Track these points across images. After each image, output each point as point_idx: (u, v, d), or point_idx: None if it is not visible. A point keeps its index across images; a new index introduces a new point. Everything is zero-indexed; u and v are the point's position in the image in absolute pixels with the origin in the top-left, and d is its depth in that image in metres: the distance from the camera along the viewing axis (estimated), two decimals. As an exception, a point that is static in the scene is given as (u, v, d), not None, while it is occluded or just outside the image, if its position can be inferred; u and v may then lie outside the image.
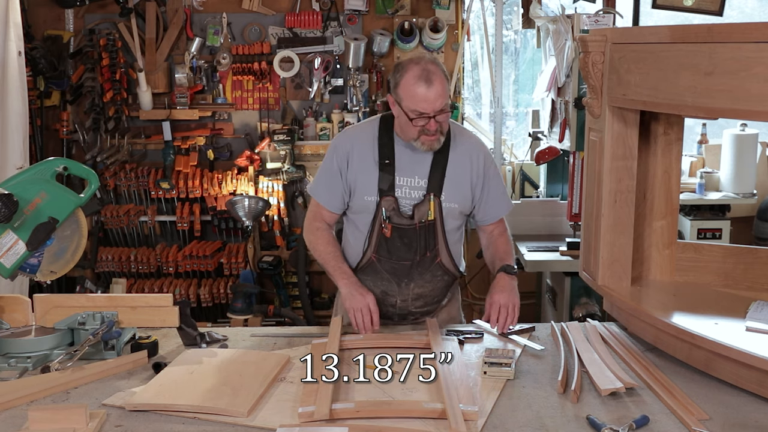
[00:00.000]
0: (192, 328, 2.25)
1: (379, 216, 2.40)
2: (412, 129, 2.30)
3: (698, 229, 4.49)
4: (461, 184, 2.44)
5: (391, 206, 2.39)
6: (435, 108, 2.26)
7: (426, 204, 2.40)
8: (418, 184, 2.41)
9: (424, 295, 2.50)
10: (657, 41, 2.03)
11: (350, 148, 2.43)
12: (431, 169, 2.41)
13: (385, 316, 2.52)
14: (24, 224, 2.09)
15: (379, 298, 2.48)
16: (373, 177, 2.40)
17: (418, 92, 2.25)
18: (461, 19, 4.87)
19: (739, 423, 1.74)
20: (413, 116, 2.27)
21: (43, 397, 1.90)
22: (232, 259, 4.75)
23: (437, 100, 2.26)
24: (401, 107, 2.30)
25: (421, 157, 2.41)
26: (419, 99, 2.25)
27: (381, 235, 2.41)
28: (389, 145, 2.41)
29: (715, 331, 2.00)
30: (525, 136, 5.21)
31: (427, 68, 2.26)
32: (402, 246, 2.42)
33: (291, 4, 4.84)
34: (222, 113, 4.93)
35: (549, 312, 4.48)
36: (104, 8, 4.79)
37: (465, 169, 2.44)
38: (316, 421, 1.71)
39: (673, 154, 2.44)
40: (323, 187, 2.49)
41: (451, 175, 2.42)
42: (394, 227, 2.40)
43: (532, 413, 1.79)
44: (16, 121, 3.62)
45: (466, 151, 2.45)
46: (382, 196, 2.39)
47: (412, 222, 2.40)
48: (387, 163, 2.40)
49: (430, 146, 2.33)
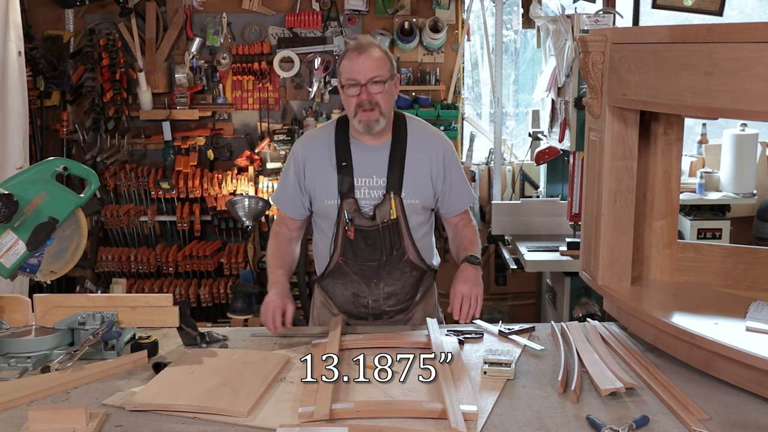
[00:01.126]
0: (192, 328, 2.25)
1: (341, 219, 2.40)
2: (350, 104, 2.34)
3: (698, 229, 4.49)
4: (421, 179, 2.43)
5: (352, 208, 2.39)
6: (366, 76, 2.30)
7: (387, 203, 2.39)
8: (377, 184, 2.40)
9: (395, 294, 2.49)
10: (657, 41, 2.03)
11: (306, 155, 2.45)
12: (389, 167, 2.40)
13: (359, 317, 2.53)
14: (24, 224, 2.09)
15: (350, 300, 2.50)
16: (332, 180, 2.40)
17: (349, 61, 2.33)
18: (461, 19, 4.88)
19: (739, 423, 1.74)
20: (346, 84, 2.32)
21: (43, 397, 1.89)
22: (232, 259, 4.75)
23: (368, 69, 2.30)
24: (341, 85, 2.36)
25: (378, 157, 2.41)
26: (350, 67, 2.32)
27: (345, 238, 2.41)
28: (345, 147, 2.42)
29: (715, 331, 2.00)
30: (525, 136, 5.21)
31: (361, 42, 2.36)
32: (366, 247, 2.41)
33: (291, 4, 4.85)
34: (222, 113, 4.93)
35: (549, 312, 4.48)
36: (104, 8, 4.80)
37: (423, 163, 2.43)
38: (316, 421, 1.71)
39: (673, 154, 2.44)
40: (282, 196, 2.53)
41: (410, 172, 2.41)
42: (356, 229, 2.39)
43: (532, 413, 1.79)
44: (16, 121, 3.62)
45: (424, 146, 2.45)
46: (342, 199, 2.39)
47: (374, 223, 2.40)
48: (344, 165, 2.40)
49: (367, 124, 2.33)
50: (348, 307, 2.53)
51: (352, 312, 2.54)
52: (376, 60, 2.31)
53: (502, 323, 2.39)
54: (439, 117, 4.74)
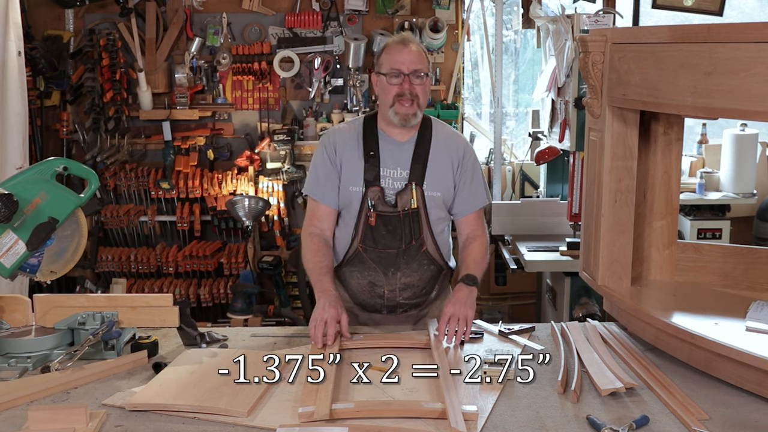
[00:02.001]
0: (192, 328, 2.25)
1: (364, 206, 2.45)
2: (389, 92, 2.39)
3: (698, 229, 4.49)
4: (443, 173, 2.49)
5: (376, 195, 2.44)
6: (410, 67, 2.37)
7: (408, 192, 2.44)
8: (401, 176, 2.46)
9: (411, 285, 2.51)
10: (657, 41, 2.03)
11: (335, 141, 2.50)
12: (413, 160, 2.47)
13: (374, 308, 2.55)
14: (24, 224, 2.09)
15: (366, 289, 2.51)
16: (359, 168, 2.46)
17: (394, 51, 2.40)
18: (461, 19, 4.88)
19: (739, 423, 1.74)
20: (388, 72, 2.38)
21: (43, 397, 1.89)
22: (232, 259, 4.75)
23: (412, 61, 2.38)
24: (381, 74, 2.42)
25: (403, 151, 2.47)
26: (395, 57, 2.39)
27: (366, 225, 2.45)
28: (374, 139, 2.49)
29: (715, 331, 2.00)
30: (525, 136, 5.21)
31: (405, 36, 2.46)
32: (387, 234, 2.45)
33: (291, 4, 4.84)
34: (222, 113, 4.93)
35: (549, 312, 4.48)
36: (104, 8, 4.80)
37: (446, 160, 2.50)
38: (316, 421, 1.71)
39: (673, 154, 2.44)
40: (317, 183, 2.52)
41: (433, 166, 2.48)
42: (378, 215, 2.44)
43: (532, 413, 1.79)
44: (16, 121, 3.62)
45: (447, 142, 2.52)
46: (367, 187, 2.44)
47: (396, 210, 2.44)
48: (372, 155, 2.46)
49: (405, 117, 2.40)
50: (363, 297, 2.54)
51: (366, 302, 2.55)
52: (419, 54, 2.41)
53: (502, 323, 2.39)
54: (439, 117, 4.71)
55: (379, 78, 2.44)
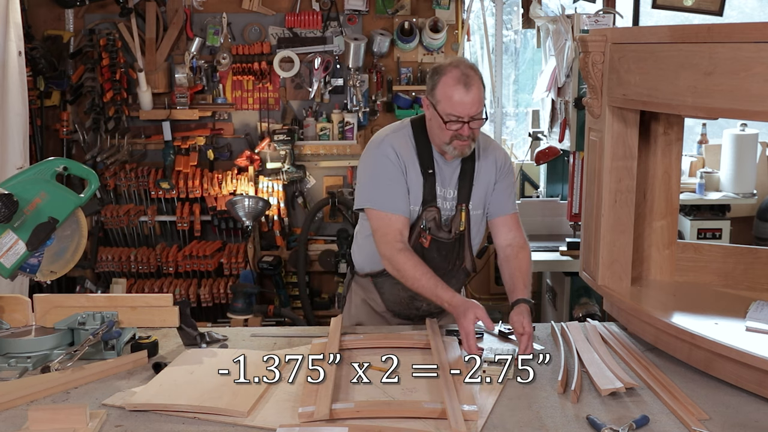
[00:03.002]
0: (192, 328, 2.25)
1: (417, 226, 2.37)
2: (446, 133, 2.26)
3: (698, 229, 4.49)
4: (486, 189, 2.44)
5: (432, 217, 2.37)
6: (470, 113, 2.23)
7: (458, 215, 2.40)
8: (451, 196, 2.40)
9: None
10: (657, 41, 2.03)
11: (398, 150, 2.36)
12: (459, 178, 2.40)
13: (406, 317, 2.55)
14: (24, 224, 2.09)
15: (405, 302, 2.50)
16: (419, 185, 2.36)
17: (455, 96, 2.21)
18: (461, 19, 4.88)
19: (739, 423, 1.74)
20: (448, 120, 2.23)
21: (43, 397, 1.89)
22: (232, 259, 4.75)
23: (473, 106, 2.22)
24: (436, 110, 2.26)
25: (451, 170, 2.39)
26: (456, 103, 2.21)
27: (418, 245, 2.38)
28: (428, 154, 2.37)
29: (715, 331, 2.00)
30: (525, 136, 5.21)
31: (467, 73, 2.23)
32: (438, 257, 2.42)
33: (291, 4, 4.84)
34: (222, 113, 4.93)
35: (549, 312, 4.48)
36: (104, 8, 4.79)
37: (490, 172, 2.43)
38: (316, 421, 1.71)
39: (673, 154, 2.44)
40: (386, 194, 2.34)
41: (478, 185, 2.42)
42: (433, 239, 2.38)
43: (532, 413, 1.79)
44: (16, 121, 3.62)
45: (492, 158, 2.45)
46: (425, 207, 2.36)
47: (450, 236, 2.41)
48: (430, 172, 2.36)
49: (461, 151, 2.30)
50: (399, 308, 2.54)
51: (401, 312, 2.54)
52: (480, 96, 2.24)
53: (502, 323, 2.39)
54: (439, 117, 4.73)
55: (434, 112, 2.27)
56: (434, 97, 2.26)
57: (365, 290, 2.59)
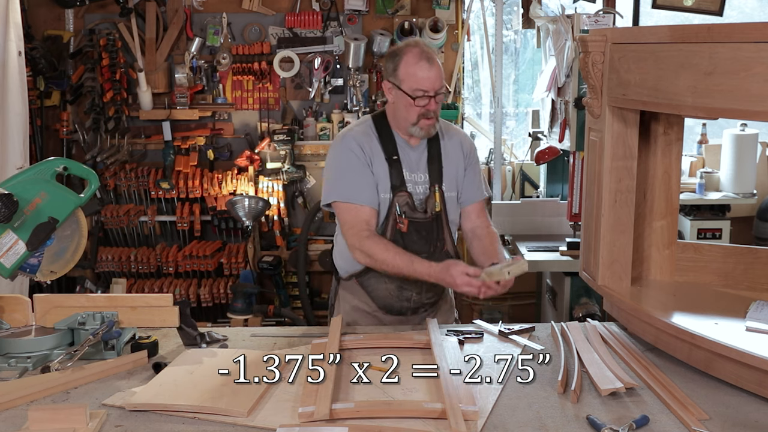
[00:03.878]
0: (192, 328, 2.25)
1: (392, 213, 2.43)
2: (413, 112, 2.36)
3: (698, 229, 4.49)
4: (455, 171, 2.52)
5: (404, 201, 2.43)
6: (435, 87, 2.34)
7: (432, 196, 2.46)
8: (422, 179, 2.47)
9: (434, 285, 2.51)
10: (657, 41, 2.03)
11: (360, 142, 2.44)
12: (428, 162, 2.48)
13: (399, 311, 2.56)
14: (24, 224, 2.09)
15: (395, 294, 2.52)
16: (385, 173, 2.44)
17: (419, 72, 2.32)
18: (461, 19, 4.88)
19: (739, 423, 1.74)
20: (415, 96, 2.33)
21: (43, 397, 1.89)
22: (232, 259, 4.75)
23: (437, 80, 2.34)
24: (402, 89, 2.35)
25: (417, 155, 2.48)
26: (422, 78, 2.32)
27: (395, 231, 2.44)
28: (391, 142, 2.46)
29: (715, 331, 2.00)
30: (525, 136, 5.21)
31: (426, 50, 2.36)
32: (419, 239, 2.46)
33: (291, 4, 4.84)
34: (222, 113, 4.93)
35: (549, 312, 4.47)
36: (104, 8, 4.79)
37: (457, 156, 2.53)
38: (316, 421, 1.71)
39: (673, 154, 2.44)
40: (352, 186, 2.41)
41: (447, 165, 2.50)
42: (410, 222, 2.43)
43: (532, 413, 1.79)
44: (16, 121, 3.62)
45: (456, 139, 2.56)
46: (395, 192, 2.43)
47: (426, 216, 2.46)
48: (395, 159, 2.44)
49: (427, 131, 2.41)
50: (390, 301, 2.54)
51: (393, 306, 2.55)
52: (440, 70, 2.38)
53: (502, 323, 2.39)
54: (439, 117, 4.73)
55: (399, 93, 2.36)
56: (397, 78, 2.37)
57: (353, 294, 2.60)
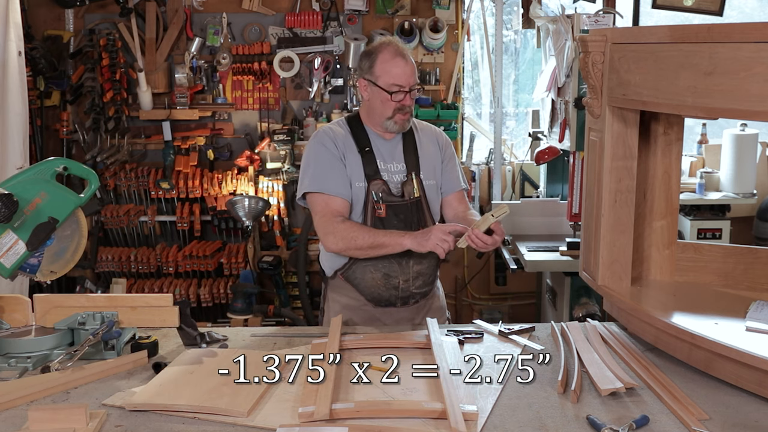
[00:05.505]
0: (192, 328, 2.25)
1: (369, 200, 2.49)
2: (389, 106, 2.46)
3: (698, 229, 4.49)
4: (432, 161, 2.63)
5: (380, 188, 2.50)
6: (410, 83, 2.46)
7: (410, 182, 2.53)
8: (399, 168, 2.55)
9: (422, 273, 2.58)
10: (657, 41, 2.03)
11: (333, 136, 2.54)
12: (404, 153, 2.56)
13: (388, 302, 2.58)
14: (24, 224, 2.09)
15: (381, 283, 2.55)
16: (358, 163, 2.51)
17: (395, 68, 2.44)
18: (461, 19, 4.88)
19: (739, 423, 1.74)
20: (392, 91, 2.44)
21: (43, 397, 1.89)
22: (232, 259, 4.75)
23: (412, 75, 2.47)
24: (378, 85, 2.45)
25: (392, 147, 2.56)
26: (398, 74, 2.44)
27: (375, 218, 2.49)
28: (364, 136, 2.55)
29: (715, 331, 2.00)
30: (525, 136, 5.21)
31: (400, 47, 2.49)
32: (399, 223, 2.50)
33: (291, 4, 4.85)
34: (222, 113, 4.93)
35: (549, 312, 4.48)
36: (104, 8, 4.80)
37: (432, 147, 2.62)
38: (316, 421, 1.71)
39: (673, 154, 2.44)
40: (324, 178, 2.49)
41: (423, 156, 2.58)
42: (388, 206, 2.49)
43: (532, 413, 1.79)
44: (16, 121, 3.62)
45: (430, 133, 2.67)
46: (369, 181, 2.49)
47: (404, 199, 2.52)
48: (367, 150, 2.52)
49: (402, 125, 2.50)
50: (378, 290, 2.56)
51: (381, 296, 2.57)
52: (414, 67, 2.50)
53: (502, 323, 2.39)
54: (439, 117, 4.74)
55: (375, 89, 2.47)
56: (373, 74, 2.47)
57: (341, 292, 2.62)
